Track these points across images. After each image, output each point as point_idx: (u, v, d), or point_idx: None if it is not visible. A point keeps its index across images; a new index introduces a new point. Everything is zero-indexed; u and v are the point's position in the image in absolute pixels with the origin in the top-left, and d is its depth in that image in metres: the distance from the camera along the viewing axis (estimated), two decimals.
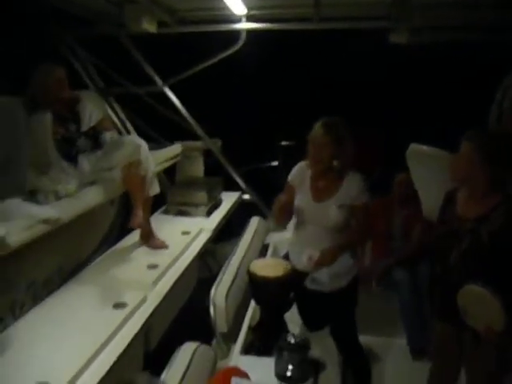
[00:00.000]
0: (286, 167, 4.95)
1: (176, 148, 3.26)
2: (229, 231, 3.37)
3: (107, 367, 1.53)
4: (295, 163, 2.41)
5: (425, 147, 2.51)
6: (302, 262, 2.13)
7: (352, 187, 2.05)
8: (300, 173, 2.23)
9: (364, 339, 2.79)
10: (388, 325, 3.01)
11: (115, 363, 1.60)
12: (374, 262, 3.04)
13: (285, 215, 2.19)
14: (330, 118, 2.06)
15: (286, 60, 5.39)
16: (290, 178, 2.24)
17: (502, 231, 1.60)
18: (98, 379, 1.47)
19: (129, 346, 1.72)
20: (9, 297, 1.83)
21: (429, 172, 2.54)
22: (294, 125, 4.61)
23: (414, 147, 2.60)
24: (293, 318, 2.41)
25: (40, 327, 1.72)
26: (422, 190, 2.69)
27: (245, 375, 1.60)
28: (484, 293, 1.54)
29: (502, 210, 1.62)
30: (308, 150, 2.07)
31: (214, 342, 2.28)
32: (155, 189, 2.46)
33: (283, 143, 4.64)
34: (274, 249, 3.26)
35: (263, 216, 3.71)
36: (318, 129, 2.04)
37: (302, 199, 2.16)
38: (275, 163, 4.60)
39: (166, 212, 3.10)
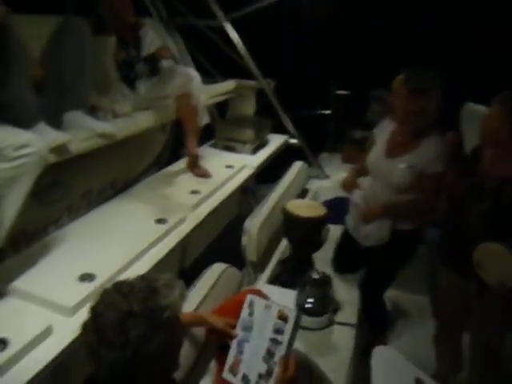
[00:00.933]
0: (338, 117, 4.91)
1: (229, 84, 3.31)
2: (272, 174, 3.45)
3: (145, 270, 1.71)
4: (348, 113, 2.40)
5: (480, 107, 2.42)
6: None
7: (428, 151, 1.91)
8: (384, 125, 2.15)
9: (389, 293, 2.88)
10: (414, 282, 3.06)
11: (152, 269, 1.78)
12: None
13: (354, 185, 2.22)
14: (414, 68, 1.93)
15: (355, 6, 5.15)
16: (374, 130, 2.19)
17: None
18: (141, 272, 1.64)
19: (166, 256, 1.89)
20: (66, 200, 2.04)
21: None
22: (352, 75, 4.51)
23: (469, 106, 2.52)
24: (321, 258, 2.52)
25: (91, 230, 1.92)
26: None
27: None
28: (502, 251, 1.55)
29: None
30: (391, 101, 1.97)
31: (243, 270, 2.44)
32: (204, 120, 2.56)
33: (338, 92, 4.55)
34: (313, 194, 3.33)
35: (308, 162, 3.76)
36: (400, 79, 1.93)
37: (375, 152, 2.11)
38: (327, 112, 4.56)
39: (213, 146, 3.21)
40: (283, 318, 1.39)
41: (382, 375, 1.51)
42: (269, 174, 3.31)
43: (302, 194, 3.34)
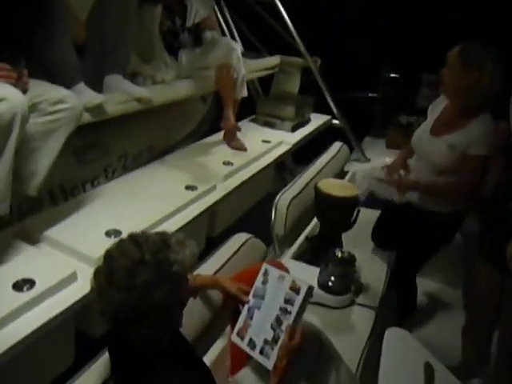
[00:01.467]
0: (386, 101, 4.77)
1: (274, 60, 3.28)
2: (312, 156, 3.42)
3: (174, 229, 1.76)
4: (397, 98, 2.33)
5: None
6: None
7: (474, 132, 1.83)
8: (436, 103, 2.09)
9: (422, 282, 2.82)
10: (449, 274, 2.97)
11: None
12: None
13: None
14: (471, 41, 1.84)
15: None
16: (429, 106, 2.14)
17: None
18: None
19: (193, 222, 1.94)
20: (104, 161, 2.13)
21: None
22: (404, 57, 4.33)
23: None
24: (350, 239, 2.50)
25: (124, 190, 2.00)
26: None
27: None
28: None
29: None
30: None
31: (270, 247, 2.46)
32: (244, 93, 2.57)
33: (388, 75, 4.41)
34: (351, 177, 3.28)
35: (349, 145, 3.69)
36: (454, 51, 1.85)
37: (422, 129, 2.06)
38: (374, 95, 4.43)
39: (253, 121, 3.22)
40: (295, 289, 1.41)
41: (391, 356, 1.49)
42: (309, 155, 3.28)
43: (341, 176, 3.30)
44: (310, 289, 1.39)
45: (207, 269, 1.73)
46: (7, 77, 1.29)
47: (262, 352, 1.38)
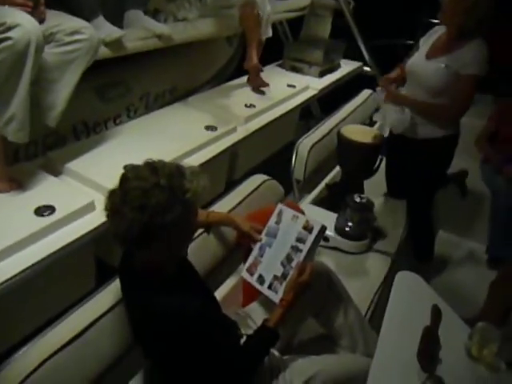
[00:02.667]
0: None
1: (304, 1, 3.13)
2: (340, 104, 3.31)
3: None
4: None
5: None
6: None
7: (467, 53, 1.91)
8: (430, 34, 2.16)
9: (442, 235, 2.78)
10: (469, 227, 2.92)
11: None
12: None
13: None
14: None
15: None
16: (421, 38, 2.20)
17: None
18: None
19: (213, 163, 1.95)
20: (126, 99, 2.14)
21: None
22: None
23: None
24: (372, 186, 2.46)
25: (144, 129, 2.02)
26: None
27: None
28: None
29: None
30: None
31: (290, 193, 2.46)
32: (269, 32, 2.48)
33: (427, 20, 4.13)
34: (380, 126, 3.18)
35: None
36: None
37: (416, 56, 2.12)
38: (411, 42, 4.19)
39: (280, 65, 3.13)
40: (308, 228, 1.41)
41: (399, 298, 1.49)
42: (338, 105, 3.18)
43: (369, 126, 3.21)
44: (323, 228, 1.39)
45: (223, 206, 1.76)
46: (23, 5, 1.29)
47: (270, 287, 1.42)
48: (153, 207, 1.04)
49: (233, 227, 1.59)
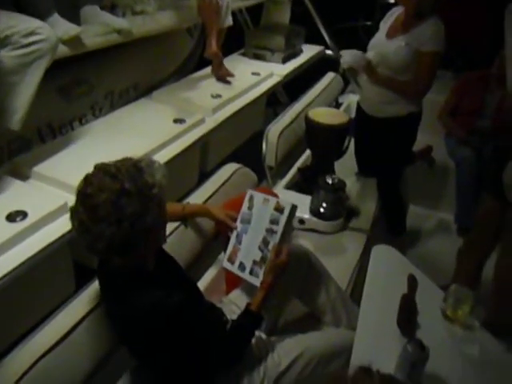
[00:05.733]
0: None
1: None
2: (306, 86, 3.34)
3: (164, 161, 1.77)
4: None
5: None
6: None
7: (426, 31, 1.98)
8: (388, 15, 2.23)
9: (413, 209, 2.87)
10: (438, 199, 3.02)
11: (170, 167, 1.84)
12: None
13: None
14: None
15: None
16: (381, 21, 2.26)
17: None
18: None
19: (184, 156, 1.94)
20: (90, 98, 2.10)
21: None
22: None
23: None
24: (342, 167, 2.51)
25: (111, 127, 1.99)
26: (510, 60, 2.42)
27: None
28: None
29: None
30: None
31: (264, 181, 2.48)
32: (229, 21, 2.47)
33: (385, 1, 4.21)
34: (346, 109, 3.24)
35: (343, 76, 3.60)
36: None
37: (376, 36, 2.19)
38: (369, 23, 4.26)
39: (243, 54, 3.13)
40: (280, 209, 1.44)
41: (376, 271, 1.55)
42: (304, 91, 3.21)
43: (336, 107, 3.26)
44: (294, 207, 1.42)
45: (197, 197, 1.77)
46: None
47: (251, 272, 1.44)
48: (129, 217, 1.03)
49: (209, 217, 1.61)
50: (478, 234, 2.10)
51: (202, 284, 1.78)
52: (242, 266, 1.48)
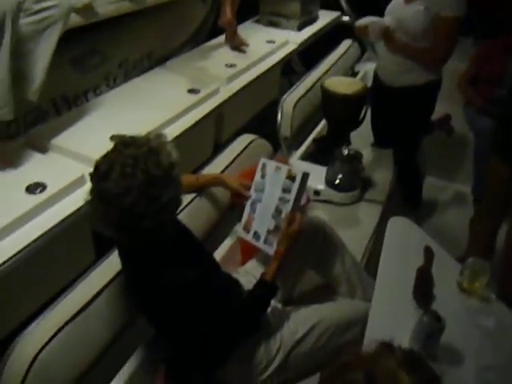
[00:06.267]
0: None
1: None
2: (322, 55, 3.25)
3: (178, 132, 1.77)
4: None
5: None
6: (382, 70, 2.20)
7: None
8: None
9: (429, 180, 2.82)
10: (454, 170, 2.97)
11: (185, 137, 1.83)
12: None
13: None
14: None
15: None
16: None
17: None
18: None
19: (199, 126, 1.92)
20: (104, 68, 2.07)
21: None
22: None
23: None
24: (359, 137, 2.47)
25: (126, 97, 1.98)
26: None
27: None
28: None
29: None
30: None
31: (279, 151, 2.46)
32: None
33: None
34: (363, 77, 3.16)
35: (361, 43, 3.50)
36: None
37: (394, 1, 2.12)
38: None
39: (257, 22, 3.04)
40: (291, 177, 1.42)
41: (392, 242, 1.54)
42: (320, 59, 3.12)
43: (352, 76, 3.18)
44: (305, 175, 1.40)
45: (213, 169, 1.76)
46: None
47: (265, 241, 1.44)
48: (165, 202, 1.07)
49: (223, 186, 1.60)
50: (489, 202, 2.08)
51: (217, 255, 1.80)
52: (256, 235, 1.48)
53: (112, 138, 1.13)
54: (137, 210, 1.04)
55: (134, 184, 1.03)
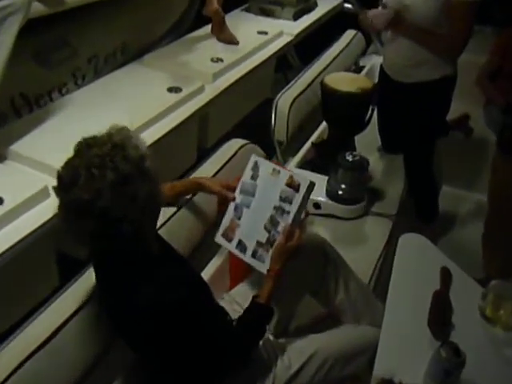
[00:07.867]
0: None
1: None
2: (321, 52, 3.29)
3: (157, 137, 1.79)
4: None
5: None
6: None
7: None
8: None
9: (446, 190, 2.84)
10: (475, 178, 2.99)
11: (164, 141, 1.83)
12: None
13: None
14: None
15: None
16: None
17: None
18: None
19: (180, 129, 1.93)
20: (71, 63, 2.08)
21: None
22: None
23: None
24: (364, 142, 2.49)
25: (97, 97, 1.98)
26: None
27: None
28: None
29: None
30: None
31: (274, 157, 2.47)
32: None
33: None
34: (368, 72, 3.19)
35: (365, 34, 3.54)
36: None
37: None
38: None
39: (247, 10, 3.07)
40: (293, 185, 1.40)
41: (404, 263, 1.55)
42: (318, 53, 3.16)
43: (356, 71, 3.21)
44: (312, 184, 1.39)
45: (199, 176, 1.76)
46: None
47: (254, 255, 1.42)
48: (142, 199, 1.07)
49: (203, 191, 1.59)
50: (498, 208, 2.08)
51: (205, 275, 1.79)
52: (241, 246, 1.46)
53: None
54: (113, 214, 1.03)
55: (104, 185, 1.02)
